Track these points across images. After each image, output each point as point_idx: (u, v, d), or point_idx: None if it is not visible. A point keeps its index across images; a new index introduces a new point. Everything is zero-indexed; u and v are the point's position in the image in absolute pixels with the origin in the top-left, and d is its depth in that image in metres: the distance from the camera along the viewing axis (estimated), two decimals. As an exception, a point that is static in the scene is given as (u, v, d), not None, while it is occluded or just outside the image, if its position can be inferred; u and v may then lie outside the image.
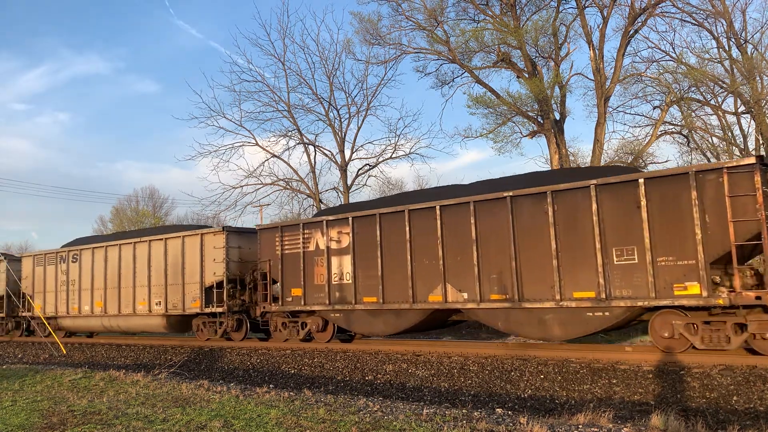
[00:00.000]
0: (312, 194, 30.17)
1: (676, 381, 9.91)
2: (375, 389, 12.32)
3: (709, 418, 8.69)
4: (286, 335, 16.35)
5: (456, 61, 26.71)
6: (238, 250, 17.65)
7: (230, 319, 17.51)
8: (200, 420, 7.31)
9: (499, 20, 26.26)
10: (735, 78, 25.70)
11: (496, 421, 6.95)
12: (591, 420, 6.88)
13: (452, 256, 13.12)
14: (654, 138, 25.93)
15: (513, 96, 25.62)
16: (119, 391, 9.69)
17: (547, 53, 26.58)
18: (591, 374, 10.70)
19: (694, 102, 26.81)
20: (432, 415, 7.16)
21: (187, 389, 9.63)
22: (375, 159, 30.54)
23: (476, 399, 10.98)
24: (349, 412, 7.53)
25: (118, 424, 7.27)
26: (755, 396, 9.08)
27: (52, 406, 8.68)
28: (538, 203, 12.09)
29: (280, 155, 30.55)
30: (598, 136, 24.62)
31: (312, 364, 14.29)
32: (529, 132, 26.83)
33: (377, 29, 27.95)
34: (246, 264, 17.59)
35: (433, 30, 26.87)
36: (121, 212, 58.48)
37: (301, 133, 30.19)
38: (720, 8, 25.10)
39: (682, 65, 24.85)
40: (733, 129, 28.55)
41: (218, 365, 15.92)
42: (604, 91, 24.49)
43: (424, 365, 12.71)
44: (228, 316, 17.52)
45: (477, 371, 11.90)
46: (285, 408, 7.87)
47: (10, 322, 25.04)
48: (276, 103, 30.13)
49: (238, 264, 17.55)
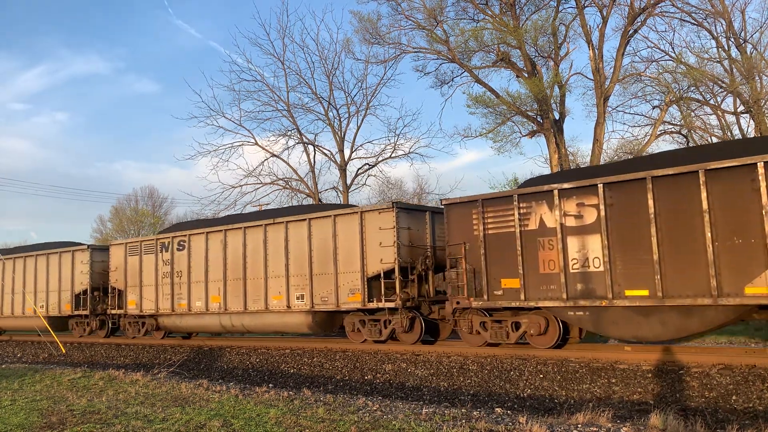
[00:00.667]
0: (311, 194, 30.17)
1: (675, 380, 9.92)
2: (374, 389, 12.33)
3: (708, 418, 8.69)
4: (487, 337, 12.94)
5: (455, 61, 26.72)
6: (408, 231, 14.39)
7: (404, 317, 14.13)
8: (199, 419, 7.31)
9: (498, 20, 26.27)
10: (734, 78, 25.71)
11: (496, 420, 6.95)
12: (590, 419, 6.88)
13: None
14: (653, 137, 25.97)
15: (512, 95, 25.67)
16: (118, 391, 9.69)
17: (546, 53, 26.62)
18: (590, 374, 10.71)
19: (693, 102, 26.84)
20: (431, 415, 7.17)
21: (186, 388, 9.63)
22: (374, 158, 30.59)
23: (475, 398, 10.98)
24: (349, 412, 7.53)
25: (118, 423, 7.27)
26: (754, 395, 9.08)
27: (52, 405, 8.68)
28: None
29: (279, 155, 30.61)
30: (597, 136, 24.64)
31: (311, 364, 14.29)
32: (528, 132, 26.87)
33: (377, 28, 28.00)
34: (416, 249, 14.47)
35: (433, 29, 26.90)
36: (120, 212, 58.49)
37: (300, 133, 30.22)
38: (719, 8, 25.11)
39: (681, 65, 24.86)
40: (732, 129, 28.57)
41: (217, 364, 15.92)
42: (603, 90, 24.51)
43: (424, 365, 12.71)
44: (401, 313, 14.11)
45: (476, 371, 11.90)
46: (284, 407, 7.88)
47: (94, 321, 21.62)
48: (275, 102, 30.19)
49: (409, 249, 14.32)
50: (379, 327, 14.68)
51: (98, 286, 21.13)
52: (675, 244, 10.36)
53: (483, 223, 12.65)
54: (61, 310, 22.01)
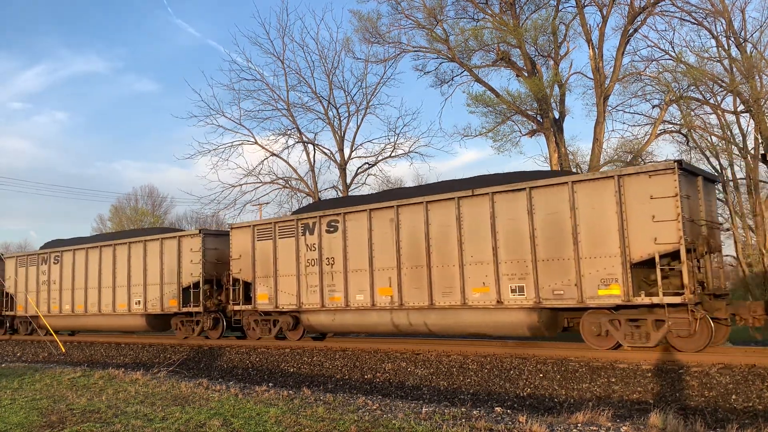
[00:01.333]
0: (311, 193, 30.17)
1: (675, 380, 9.92)
2: (374, 388, 12.33)
3: (708, 417, 8.70)
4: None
5: (455, 60, 26.71)
6: (688, 201, 11.07)
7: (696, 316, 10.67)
8: (199, 418, 7.31)
9: (498, 19, 26.26)
10: (734, 77, 25.69)
11: (495, 419, 6.95)
12: (590, 419, 6.88)
13: None
14: (653, 137, 25.95)
15: (512, 95, 25.66)
16: (118, 390, 9.69)
17: (546, 52, 26.61)
18: (590, 373, 10.71)
19: (693, 101, 26.81)
20: (431, 414, 7.17)
21: (186, 388, 9.63)
22: (374, 158, 30.56)
23: (475, 398, 10.98)
24: (348, 411, 7.53)
25: (118, 422, 7.27)
26: (754, 395, 9.09)
27: (51, 404, 8.67)
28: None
29: (279, 154, 30.57)
30: (597, 135, 24.63)
31: (311, 363, 14.29)
32: (528, 131, 26.86)
33: (376, 28, 27.96)
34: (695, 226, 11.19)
35: (433, 29, 26.88)
36: (120, 211, 58.56)
37: (300, 132, 30.20)
38: (719, 7, 25.08)
39: (681, 64, 24.83)
40: (732, 128, 28.57)
41: (217, 364, 15.91)
42: (603, 90, 24.49)
43: (423, 364, 12.72)
44: (693, 310, 10.62)
45: (476, 370, 11.90)
46: (284, 406, 7.88)
47: (207, 319, 18.14)
48: (275, 101, 30.13)
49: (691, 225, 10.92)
50: (648, 330, 11.20)
51: (211, 278, 18.08)
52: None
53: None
54: (164, 307, 18.64)
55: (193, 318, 18.46)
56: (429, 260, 13.52)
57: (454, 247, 13.18)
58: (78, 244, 22.16)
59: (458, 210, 13.23)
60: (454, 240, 13.19)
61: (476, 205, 13.01)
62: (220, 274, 17.95)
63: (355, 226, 14.87)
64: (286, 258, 16.02)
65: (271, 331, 16.62)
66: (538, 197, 12.18)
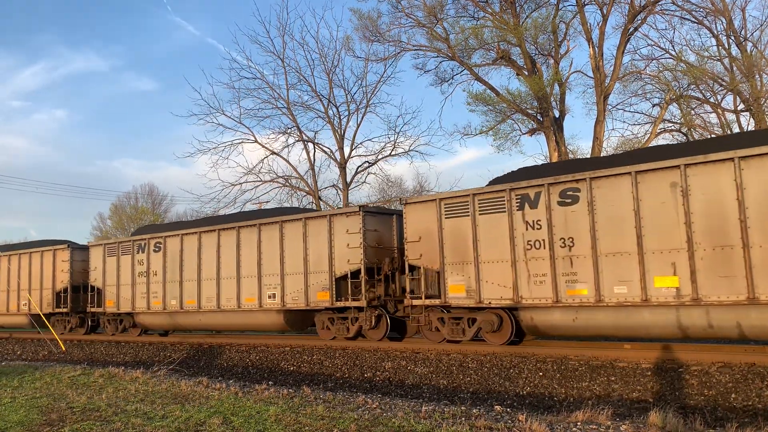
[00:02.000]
0: (311, 191, 30.17)
1: (674, 378, 9.93)
2: (374, 386, 12.34)
3: (708, 416, 8.71)
4: None
5: (455, 59, 26.70)
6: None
7: None
8: (199, 417, 7.31)
9: (498, 18, 26.25)
10: (734, 76, 25.68)
11: (495, 418, 6.95)
12: (590, 417, 6.89)
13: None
14: (653, 136, 25.95)
15: (512, 93, 25.65)
16: (118, 388, 9.69)
17: (546, 51, 26.61)
18: (590, 372, 10.72)
19: (693, 100, 26.82)
20: (431, 413, 7.17)
21: (186, 386, 9.63)
22: (374, 156, 30.57)
23: (475, 396, 10.99)
24: (348, 410, 7.53)
25: (117, 421, 7.28)
26: (753, 393, 9.10)
27: (51, 402, 8.68)
28: None
29: (279, 152, 30.57)
30: (597, 134, 24.63)
31: (311, 361, 14.30)
32: (528, 129, 26.86)
33: (377, 26, 27.96)
34: None
35: (433, 27, 26.87)
36: (120, 209, 58.60)
37: (300, 131, 30.20)
38: (719, 6, 25.08)
39: (681, 63, 24.83)
40: (732, 127, 28.54)
41: (217, 362, 15.92)
42: (603, 88, 24.49)
43: (423, 363, 12.72)
44: None
45: (476, 368, 11.91)
46: (284, 405, 7.88)
47: (370, 317, 14.79)
48: (275, 100, 30.14)
49: None
50: None
51: (372, 265, 14.67)
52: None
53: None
54: (310, 301, 15.24)
55: (349, 315, 15.35)
56: (746, 238, 9.81)
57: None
58: (180, 228, 19.05)
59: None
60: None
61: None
62: (381, 260, 14.85)
63: (605, 195, 11.31)
64: (494, 239, 12.63)
65: (464, 332, 13.33)
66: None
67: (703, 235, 10.30)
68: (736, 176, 9.95)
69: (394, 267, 14.71)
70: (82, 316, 22.25)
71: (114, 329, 21.11)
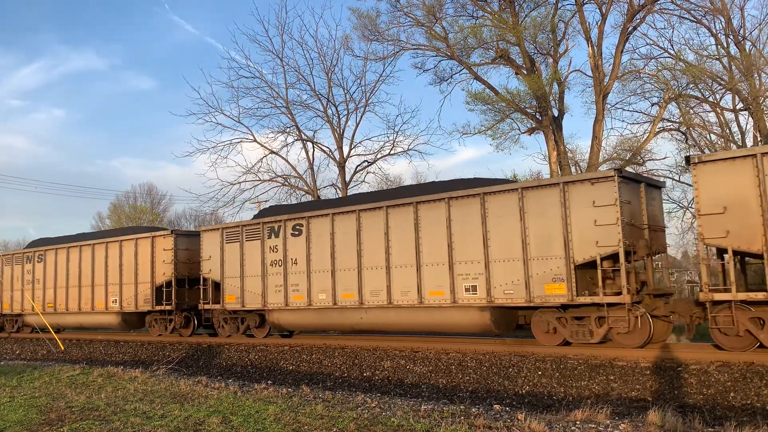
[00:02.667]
0: (310, 191, 30.15)
1: (673, 377, 9.93)
2: (373, 386, 12.34)
3: (707, 415, 8.71)
4: None
5: (454, 58, 26.68)
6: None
7: None
8: (198, 416, 7.31)
9: (497, 17, 26.23)
10: (733, 75, 25.67)
11: (494, 417, 6.96)
12: (588, 416, 6.89)
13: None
14: (652, 135, 25.93)
15: (511, 93, 25.62)
16: (117, 388, 9.69)
17: (545, 50, 26.58)
18: (589, 371, 10.72)
19: (692, 99, 26.78)
20: (430, 412, 7.17)
21: (185, 385, 9.63)
22: (373, 155, 30.53)
23: (474, 395, 10.99)
24: (348, 409, 7.54)
25: (117, 420, 7.27)
26: (752, 392, 9.10)
27: (50, 402, 8.67)
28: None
29: (278, 152, 30.53)
30: (596, 133, 24.62)
31: (310, 361, 14.29)
32: (527, 129, 26.84)
33: (375, 25, 27.90)
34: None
35: (432, 26, 26.84)
36: (119, 208, 58.54)
37: (299, 130, 30.16)
38: (718, 5, 25.06)
39: (680, 62, 24.81)
40: (731, 126, 28.55)
41: (216, 361, 15.92)
42: (602, 87, 24.48)
43: (422, 362, 12.72)
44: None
45: (475, 368, 11.91)
46: (283, 404, 7.88)
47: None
48: (274, 99, 30.07)
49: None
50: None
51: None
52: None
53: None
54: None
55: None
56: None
57: None
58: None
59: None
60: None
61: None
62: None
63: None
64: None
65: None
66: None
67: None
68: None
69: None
70: (188, 314, 19.44)
71: (233, 329, 17.89)
